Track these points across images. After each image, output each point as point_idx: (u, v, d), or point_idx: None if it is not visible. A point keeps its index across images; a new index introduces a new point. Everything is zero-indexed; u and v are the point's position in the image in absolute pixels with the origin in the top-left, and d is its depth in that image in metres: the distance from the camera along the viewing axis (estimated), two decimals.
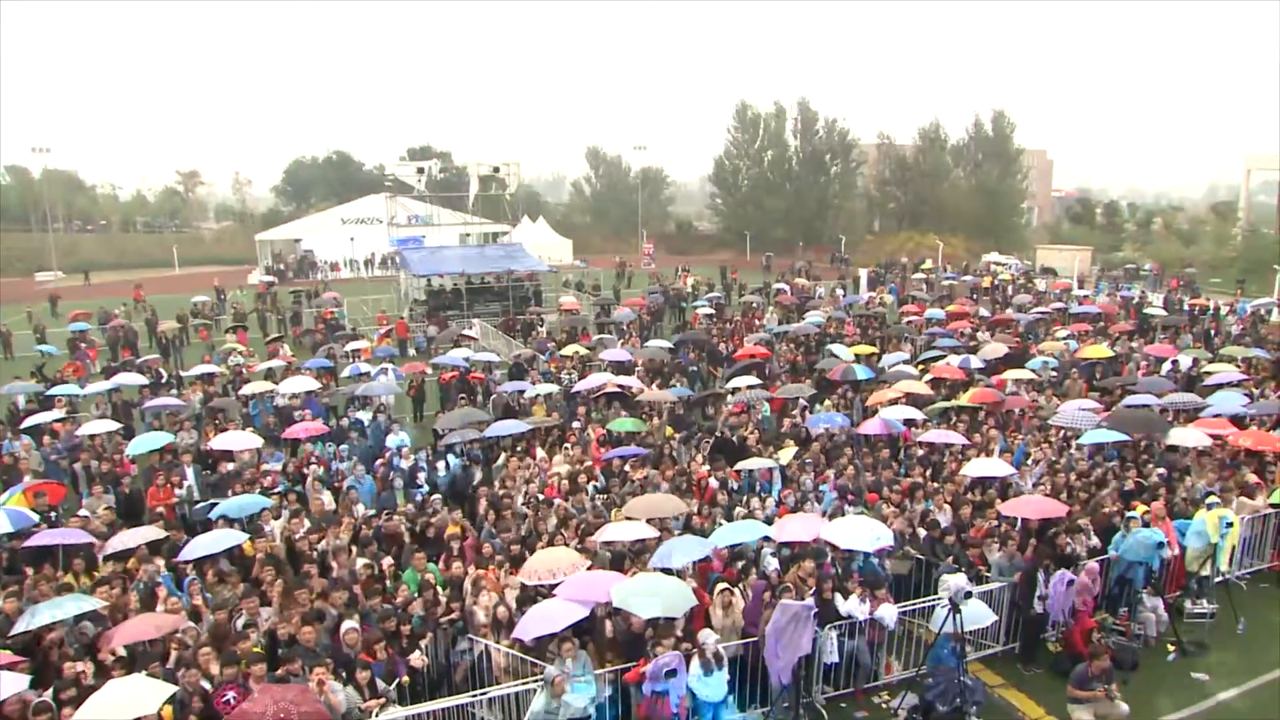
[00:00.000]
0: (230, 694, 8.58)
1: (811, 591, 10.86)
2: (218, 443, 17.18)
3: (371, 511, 14.13)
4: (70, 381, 23.97)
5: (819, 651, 10.62)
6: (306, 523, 13.64)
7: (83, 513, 14.75)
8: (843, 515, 13.28)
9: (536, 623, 9.65)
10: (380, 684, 9.26)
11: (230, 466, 16.62)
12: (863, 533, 11.38)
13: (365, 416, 20.18)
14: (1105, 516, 13.57)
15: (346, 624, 9.90)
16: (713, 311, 36.06)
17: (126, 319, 36.34)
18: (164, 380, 25.65)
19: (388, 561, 11.98)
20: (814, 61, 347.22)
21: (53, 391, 22.49)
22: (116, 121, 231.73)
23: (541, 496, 14.68)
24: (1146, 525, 12.86)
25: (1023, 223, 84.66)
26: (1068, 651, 11.75)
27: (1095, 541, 12.98)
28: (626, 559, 11.62)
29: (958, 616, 10.22)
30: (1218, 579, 13.61)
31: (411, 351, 33.73)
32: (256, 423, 20.69)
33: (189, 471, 16.64)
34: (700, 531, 12.76)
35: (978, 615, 10.74)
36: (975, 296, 41.06)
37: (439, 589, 11.20)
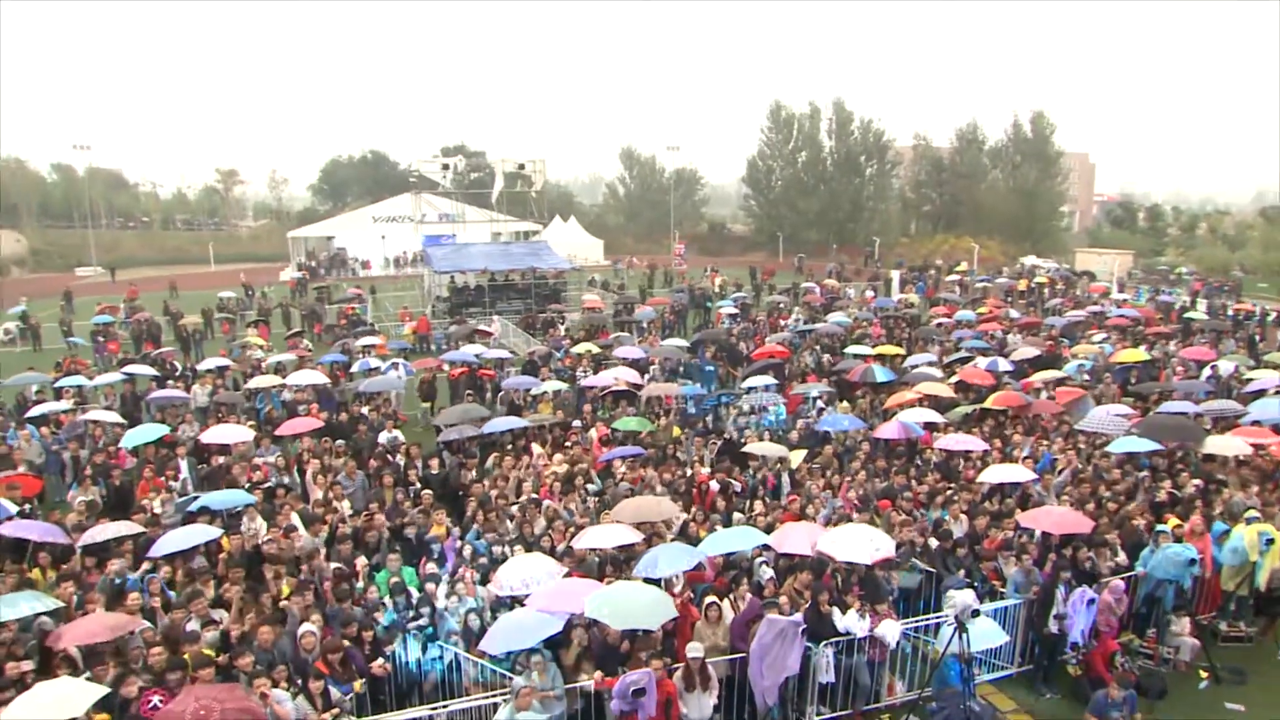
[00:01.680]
0: (155, 698, 8.08)
1: (807, 605, 10.12)
2: (208, 436, 16.79)
3: (350, 511, 13.56)
4: (79, 373, 23.82)
5: (813, 670, 9.88)
6: (295, 518, 13.16)
7: (82, 500, 14.43)
8: (849, 522, 12.44)
9: (506, 635, 8.98)
10: (335, 693, 8.65)
11: (223, 460, 16.24)
12: (861, 543, 10.55)
13: (367, 411, 19.73)
14: (1133, 530, 12.63)
15: (304, 627, 9.35)
16: (736, 311, 35.31)
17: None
18: (178, 373, 25.47)
19: (361, 562, 11.41)
20: (850, 62, 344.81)
21: (61, 382, 22.40)
22: (160, 121, 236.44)
23: (536, 496, 14.06)
24: (1178, 540, 11.93)
25: (1062, 226, 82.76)
26: (1088, 676, 10.82)
27: (1122, 557, 12.07)
28: (608, 566, 10.91)
29: (964, 636, 9.42)
30: None
31: (433, 348, 33.38)
32: (261, 416, 20.35)
33: (183, 465, 16.29)
34: (696, 538, 12.02)
35: (987, 635, 9.92)
36: (1010, 299, 39.90)
37: (413, 592, 10.61)
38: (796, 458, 15.82)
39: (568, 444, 16.77)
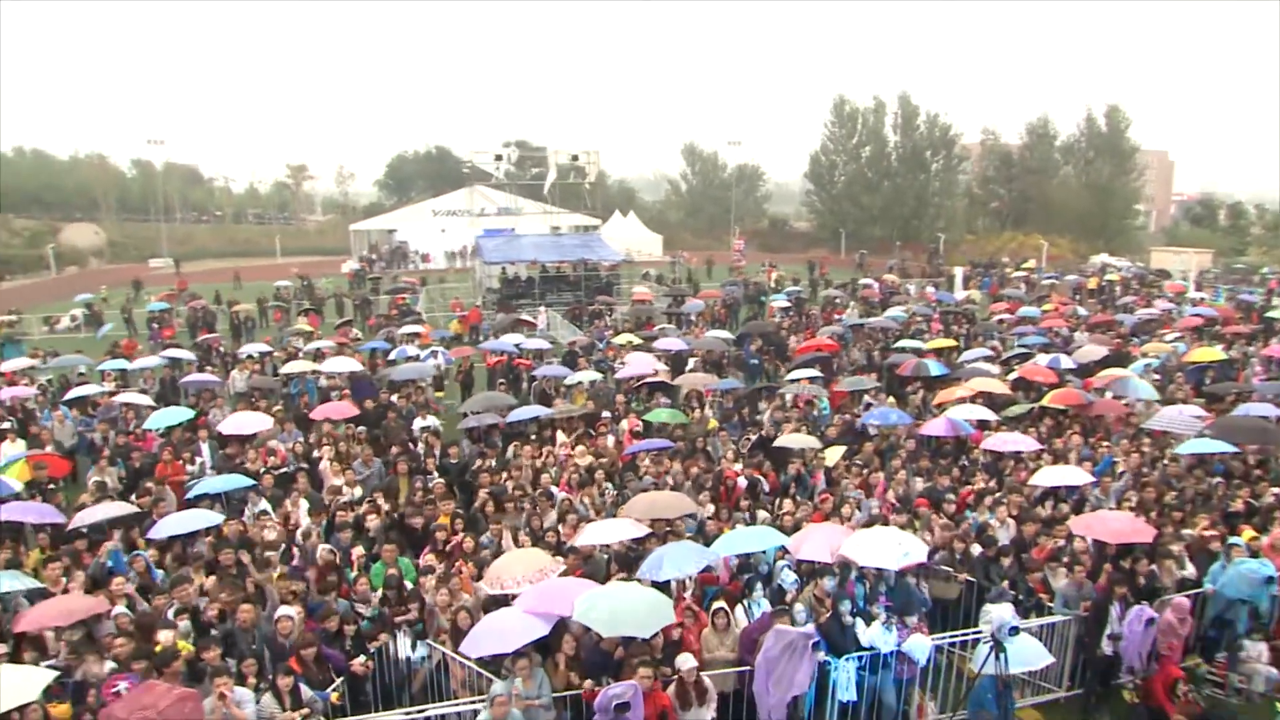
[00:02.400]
0: (121, 684, 7.64)
1: (828, 615, 9.21)
2: (226, 426, 16.44)
3: (354, 497, 13.05)
4: (122, 356, 23.99)
5: (832, 686, 8.96)
6: (303, 503, 12.73)
7: (97, 479, 14.25)
8: (885, 525, 11.43)
9: (488, 638, 8.25)
10: (306, 691, 8.05)
11: (248, 445, 15.90)
12: (888, 547, 9.56)
13: (396, 399, 19.32)
14: (1203, 541, 11.39)
15: (281, 610, 8.81)
16: (789, 305, 34.24)
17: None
18: (222, 357, 25.53)
19: (358, 551, 10.85)
20: (917, 56, 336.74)
21: (103, 365, 22.57)
22: (236, 119, 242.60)
23: (555, 489, 13.38)
24: (1254, 555, 10.67)
25: (1137, 224, 79.14)
26: (1146, 704, 9.69)
27: (1190, 571, 10.86)
28: (613, 564, 10.13)
29: (1002, 655, 8.43)
30: None
31: (481, 338, 33.00)
32: (295, 402, 20.12)
33: (204, 448, 16.05)
34: (714, 537, 11.16)
35: (1028, 655, 8.85)
36: (1079, 297, 38.00)
37: (406, 584, 10.00)
38: (835, 454, 14.82)
39: (593, 433, 16.09)
